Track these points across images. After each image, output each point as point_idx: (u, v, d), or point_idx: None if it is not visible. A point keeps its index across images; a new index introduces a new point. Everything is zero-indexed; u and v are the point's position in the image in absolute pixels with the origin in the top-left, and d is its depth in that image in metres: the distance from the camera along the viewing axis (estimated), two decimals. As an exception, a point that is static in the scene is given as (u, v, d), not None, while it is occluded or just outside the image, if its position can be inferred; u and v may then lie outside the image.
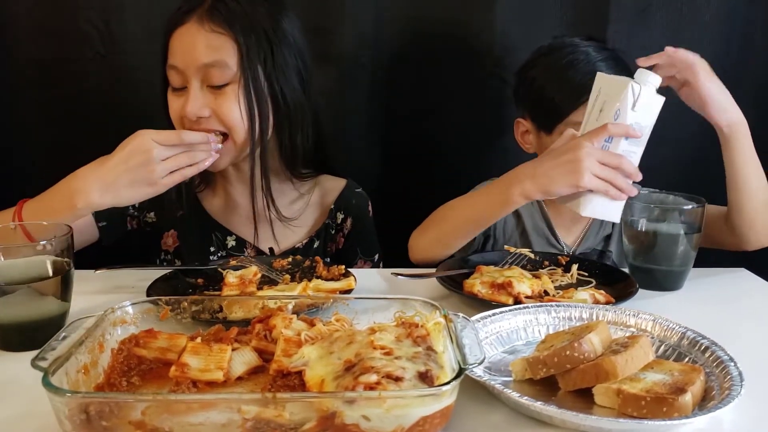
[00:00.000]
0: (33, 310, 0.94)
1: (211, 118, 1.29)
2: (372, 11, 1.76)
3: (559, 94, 1.50)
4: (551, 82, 1.52)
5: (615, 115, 1.18)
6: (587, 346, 0.81)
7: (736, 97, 1.68)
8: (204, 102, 1.28)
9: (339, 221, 1.54)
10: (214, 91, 1.29)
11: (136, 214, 1.47)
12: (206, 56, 1.27)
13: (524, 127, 1.61)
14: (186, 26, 1.29)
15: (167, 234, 1.49)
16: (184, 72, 1.28)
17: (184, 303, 0.93)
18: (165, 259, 1.50)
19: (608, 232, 1.62)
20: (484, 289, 1.14)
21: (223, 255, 1.45)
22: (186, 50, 1.28)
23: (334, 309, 0.94)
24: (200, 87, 1.29)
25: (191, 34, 1.28)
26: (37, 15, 1.65)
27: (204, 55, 1.27)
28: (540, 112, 1.55)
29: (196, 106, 1.27)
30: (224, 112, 1.29)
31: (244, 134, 1.31)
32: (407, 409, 0.66)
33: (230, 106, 1.29)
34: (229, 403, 0.67)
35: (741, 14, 1.80)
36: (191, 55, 1.27)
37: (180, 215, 1.46)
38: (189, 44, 1.28)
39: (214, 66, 1.27)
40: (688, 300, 1.18)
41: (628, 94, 1.17)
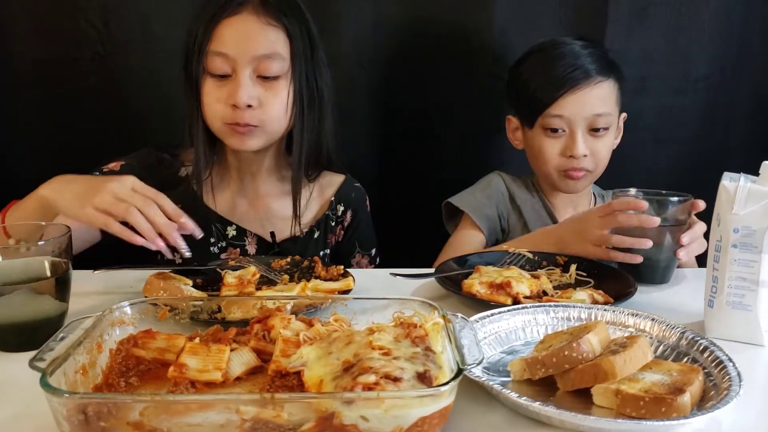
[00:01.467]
0: (31, 311, 0.94)
1: (255, 110, 1.33)
2: (371, 11, 1.76)
3: (540, 87, 1.52)
4: (535, 76, 1.55)
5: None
6: (586, 347, 0.81)
7: (735, 96, 1.69)
8: (254, 91, 1.33)
9: (339, 213, 1.59)
10: (263, 82, 1.34)
11: None
12: (263, 48, 1.32)
13: (514, 124, 1.64)
14: (240, 16, 1.32)
15: None
16: (234, 60, 1.32)
17: (183, 304, 0.93)
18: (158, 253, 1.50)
19: None
20: (482, 289, 1.14)
21: (223, 246, 1.47)
22: (240, 40, 1.32)
23: (333, 309, 0.94)
24: (250, 77, 1.32)
25: (247, 25, 1.32)
26: (36, 15, 1.65)
27: (261, 47, 1.32)
28: (523, 107, 1.59)
29: (246, 94, 1.31)
30: (272, 102, 1.35)
31: (280, 125, 1.39)
32: (406, 410, 0.66)
33: (280, 98, 1.35)
34: (227, 403, 0.67)
35: (739, 14, 1.80)
36: (246, 45, 1.32)
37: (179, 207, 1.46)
38: (244, 34, 1.32)
39: (269, 58, 1.33)
40: (687, 300, 1.18)
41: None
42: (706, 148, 1.89)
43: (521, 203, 1.66)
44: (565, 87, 1.49)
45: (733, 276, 0.99)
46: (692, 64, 1.82)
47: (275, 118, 1.37)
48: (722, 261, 1.00)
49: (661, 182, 1.61)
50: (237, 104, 1.31)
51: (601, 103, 1.51)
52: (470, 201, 1.63)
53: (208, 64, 1.34)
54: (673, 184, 1.88)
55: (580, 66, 1.50)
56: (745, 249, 0.98)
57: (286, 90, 1.36)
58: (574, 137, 1.52)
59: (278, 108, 1.36)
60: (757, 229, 0.96)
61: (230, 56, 1.32)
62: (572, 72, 1.49)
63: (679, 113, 1.86)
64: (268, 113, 1.35)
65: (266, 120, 1.36)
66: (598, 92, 1.51)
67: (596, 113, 1.51)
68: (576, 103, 1.50)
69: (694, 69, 1.82)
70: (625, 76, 1.80)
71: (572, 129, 1.52)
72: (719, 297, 1.01)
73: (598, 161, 1.55)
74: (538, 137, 1.56)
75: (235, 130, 1.36)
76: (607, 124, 1.52)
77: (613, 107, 1.55)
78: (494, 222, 1.63)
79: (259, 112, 1.34)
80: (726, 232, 0.99)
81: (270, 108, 1.35)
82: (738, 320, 0.99)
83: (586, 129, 1.52)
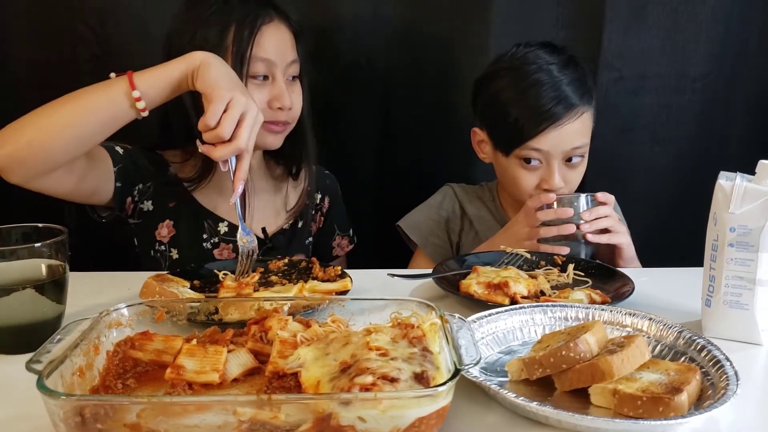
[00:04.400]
0: (28, 313, 0.94)
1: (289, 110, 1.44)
2: (369, 12, 1.76)
3: (521, 117, 1.47)
4: (514, 103, 1.49)
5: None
6: (583, 346, 0.81)
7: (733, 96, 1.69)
8: (290, 93, 1.43)
9: (318, 201, 1.69)
10: (291, 83, 1.45)
11: (137, 198, 1.46)
12: (292, 54, 1.44)
13: (480, 137, 1.61)
14: (274, 24, 1.41)
15: (162, 224, 1.50)
16: (275, 65, 1.41)
17: (180, 305, 0.93)
18: (159, 249, 1.51)
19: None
20: (480, 289, 1.14)
21: (215, 242, 1.50)
22: (279, 46, 1.41)
23: (330, 310, 0.94)
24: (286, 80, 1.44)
25: (281, 32, 1.42)
26: (32, 16, 1.65)
27: (292, 52, 1.44)
28: (500, 132, 1.54)
29: (288, 98, 1.42)
30: (297, 102, 1.47)
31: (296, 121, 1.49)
32: (403, 410, 0.66)
33: (300, 96, 1.48)
34: (224, 404, 0.67)
35: (737, 13, 1.80)
36: (283, 50, 1.42)
37: (173, 206, 1.49)
38: (281, 41, 1.42)
39: (296, 62, 1.45)
40: (684, 299, 1.18)
41: None
42: (703, 147, 1.89)
43: (473, 217, 1.66)
44: (545, 123, 1.45)
45: (730, 275, 0.99)
46: (690, 64, 1.82)
47: (297, 116, 1.48)
48: (719, 260, 1.00)
49: (659, 181, 1.62)
50: (283, 106, 1.41)
51: (580, 136, 1.49)
52: (420, 228, 1.65)
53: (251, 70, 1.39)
54: (671, 183, 1.89)
55: (562, 98, 1.46)
56: (742, 248, 0.98)
57: (301, 90, 1.48)
58: (551, 170, 1.49)
59: (299, 107, 1.48)
60: (754, 228, 0.96)
61: (272, 61, 1.40)
62: (555, 106, 1.45)
63: (677, 112, 1.86)
64: (296, 111, 1.47)
65: (294, 118, 1.47)
66: (578, 125, 1.48)
67: (574, 146, 1.48)
68: (557, 138, 1.46)
69: (692, 68, 1.82)
70: (623, 75, 1.81)
71: (549, 162, 1.49)
72: (716, 296, 1.01)
73: (571, 189, 1.54)
74: (513, 167, 1.52)
75: (269, 129, 1.43)
76: (582, 153, 1.51)
77: (589, 134, 1.52)
78: (444, 248, 1.65)
79: (291, 111, 1.45)
80: (723, 231, 0.99)
81: (296, 107, 1.46)
82: (735, 319, 1.00)
83: (562, 161, 1.50)
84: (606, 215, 1.41)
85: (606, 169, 1.83)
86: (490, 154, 1.60)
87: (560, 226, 1.39)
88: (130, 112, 1.16)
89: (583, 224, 1.39)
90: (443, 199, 1.69)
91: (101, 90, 1.18)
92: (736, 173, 1.01)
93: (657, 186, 1.40)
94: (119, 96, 1.15)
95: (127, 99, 1.15)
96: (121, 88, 1.15)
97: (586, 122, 1.50)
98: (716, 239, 1.00)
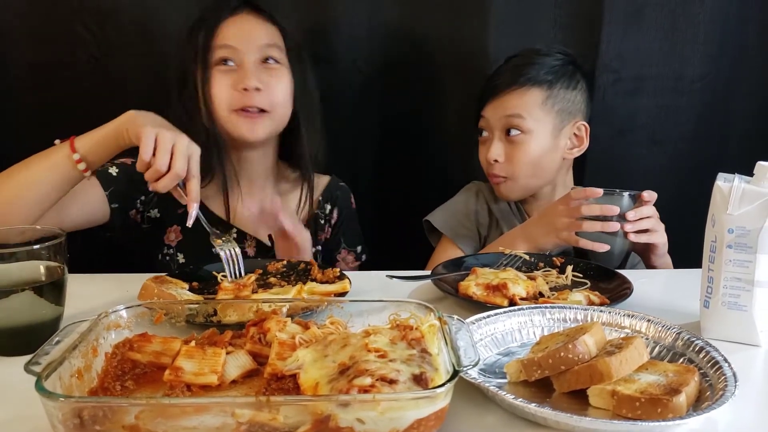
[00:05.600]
0: (26, 315, 0.94)
1: (263, 93, 1.43)
2: (366, 14, 1.76)
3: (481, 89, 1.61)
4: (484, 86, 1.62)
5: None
6: (582, 348, 0.81)
7: (731, 97, 1.68)
8: (261, 76, 1.43)
9: (327, 212, 1.67)
10: (267, 68, 1.45)
11: (141, 208, 1.50)
12: (266, 38, 1.46)
13: None
14: (240, 16, 1.46)
15: (170, 229, 1.53)
16: (241, 51, 1.43)
17: (178, 307, 0.93)
18: (167, 253, 1.53)
19: None
20: (479, 291, 1.14)
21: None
22: (245, 32, 1.45)
23: (329, 312, 0.94)
24: (255, 65, 1.44)
25: (249, 22, 1.47)
26: (31, 18, 1.65)
27: (264, 37, 1.46)
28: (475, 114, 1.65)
29: (255, 78, 1.42)
30: (277, 86, 1.46)
31: (285, 112, 1.49)
32: (401, 412, 0.66)
33: (283, 82, 1.47)
34: (223, 406, 0.67)
35: (735, 14, 1.81)
36: (251, 36, 1.45)
37: (182, 212, 1.48)
38: (248, 29, 1.46)
39: (272, 46, 1.46)
40: (682, 300, 1.18)
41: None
42: (701, 148, 1.89)
43: (497, 213, 1.68)
44: (488, 93, 1.59)
45: (728, 276, 0.99)
46: (688, 65, 1.82)
47: (281, 102, 1.47)
48: (717, 261, 1.00)
49: (657, 182, 1.62)
50: (247, 87, 1.40)
51: (515, 107, 1.55)
52: (448, 221, 1.66)
53: (215, 58, 1.43)
54: (669, 184, 1.89)
55: (503, 73, 1.59)
56: (740, 249, 0.98)
57: (286, 78, 1.48)
58: (492, 140, 1.59)
59: (282, 92, 1.47)
60: (752, 229, 0.96)
61: (237, 48, 1.43)
62: (497, 79, 1.58)
63: (675, 114, 1.86)
64: (275, 96, 1.45)
65: (274, 103, 1.45)
66: (515, 99, 1.55)
67: (507, 114, 1.55)
68: (495, 107, 1.58)
69: (689, 69, 1.82)
70: (621, 77, 1.81)
71: (492, 134, 1.59)
72: (715, 297, 1.01)
73: (514, 169, 1.57)
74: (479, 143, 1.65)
75: (244, 116, 1.44)
76: (520, 128, 1.55)
77: (536, 113, 1.55)
78: (473, 240, 1.66)
79: (266, 95, 1.43)
80: (721, 233, 0.99)
81: (275, 91, 1.45)
82: (733, 320, 1.00)
83: (502, 133, 1.57)
84: (650, 215, 1.40)
85: (604, 170, 1.83)
86: None
87: (603, 222, 1.36)
88: (75, 173, 1.23)
89: (626, 223, 1.37)
90: (470, 194, 1.71)
91: (45, 157, 1.25)
92: (735, 174, 1.01)
93: (655, 187, 1.39)
94: (62, 160, 1.23)
95: (69, 162, 1.23)
96: (63, 152, 1.23)
97: (524, 98, 1.55)
98: (714, 240, 1.01)
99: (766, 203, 0.95)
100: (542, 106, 1.55)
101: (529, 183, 1.61)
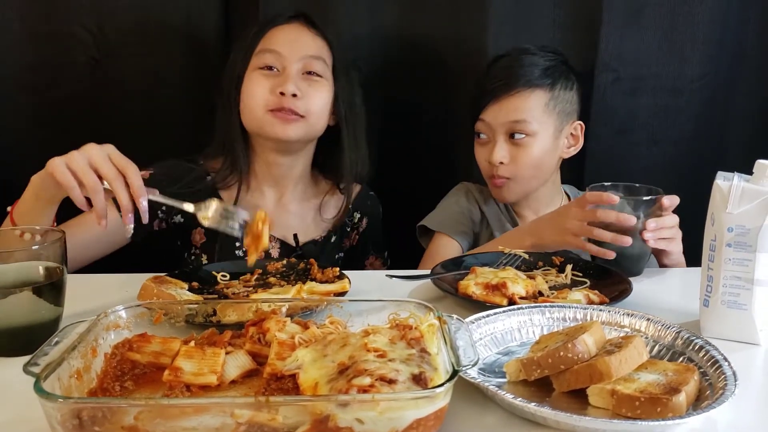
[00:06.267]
0: (25, 315, 0.94)
1: (300, 100, 1.45)
2: (367, 15, 1.76)
3: (477, 94, 1.59)
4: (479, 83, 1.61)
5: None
6: (581, 347, 0.81)
7: (730, 96, 1.68)
8: (300, 84, 1.46)
9: (356, 220, 1.71)
10: (308, 78, 1.49)
11: (164, 216, 1.51)
12: (311, 49, 1.50)
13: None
14: (290, 26, 1.52)
15: (195, 231, 1.55)
16: (285, 57, 1.47)
17: (178, 307, 0.93)
18: (194, 253, 1.56)
19: None
20: (478, 290, 1.14)
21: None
22: (292, 40, 1.49)
23: (328, 311, 0.94)
24: (297, 73, 1.47)
25: (297, 31, 1.52)
26: (30, 19, 1.65)
27: (310, 48, 1.50)
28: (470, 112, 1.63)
29: (294, 85, 1.44)
30: (315, 96, 1.48)
31: (320, 121, 1.51)
32: (401, 412, 0.66)
33: (321, 93, 1.50)
34: (222, 406, 0.67)
35: (734, 14, 1.80)
36: (296, 44, 1.49)
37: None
38: (295, 37, 1.50)
39: (316, 58, 1.50)
40: (682, 299, 1.18)
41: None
42: (701, 147, 1.89)
43: (487, 212, 1.68)
44: (487, 96, 1.56)
45: (728, 275, 0.99)
46: (687, 64, 1.81)
47: (317, 111, 1.49)
48: (717, 260, 1.00)
49: (657, 182, 1.61)
50: (284, 91, 1.43)
51: (519, 112, 1.53)
52: (444, 221, 1.65)
53: (258, 61, 1.48)
54: (669, 184, 1.88)
55: (503, 76, 1.55)
56: (740, 248, 0.98)
57: (327, 90, 1.51)
58: (494, 143, 1.56)
59: (320, 102, 1.49)
60: (752, 227, 0.96)
61: (281, 53, 1.47)
62: (496, 82, 1.55)
63: (674, 113, 1.86)
64: (312, 104, 1.47)
65: (310, 110, 1.47)
66: (517, 102, 1.53)
67: (512, 120, 1.53)
68: (496, 111, 1.55)
69: (689, 69, 1.82)
70: (621, 77, 1.81)
71: (494, 136, 1.56)
72: (714, 296, 1.01)
73: (518, 169, 1.56)
74: (475, 144, 1.62)
75: (278, 117, 1.46)
76: (526, 131, 1.53)
77: (540, 116, 1.54)
78: (468, 235, 1.65)
79: (303, 102, 1.46)
80: (720, 232, 0.99)
81: (313, 100, 1.48)
82: (733, 319, 1.00)
83: (506, 136, 1.55)
84: (672, 225, 1.33)
85: (604, 170, 1.83)
86: None
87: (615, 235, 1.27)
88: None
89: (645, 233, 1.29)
90: (461, 194, 1.71)
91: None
92: (734, 173, 1.01)
93: (654, 186, 1.39)
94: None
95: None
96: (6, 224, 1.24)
97: (529, 102, 1.53)
98: (714, 239, 1.01)
99: (765, 202, 0.95)
100: (545, 108, 1.55)
101: (530, 184, 1.60)
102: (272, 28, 1.51)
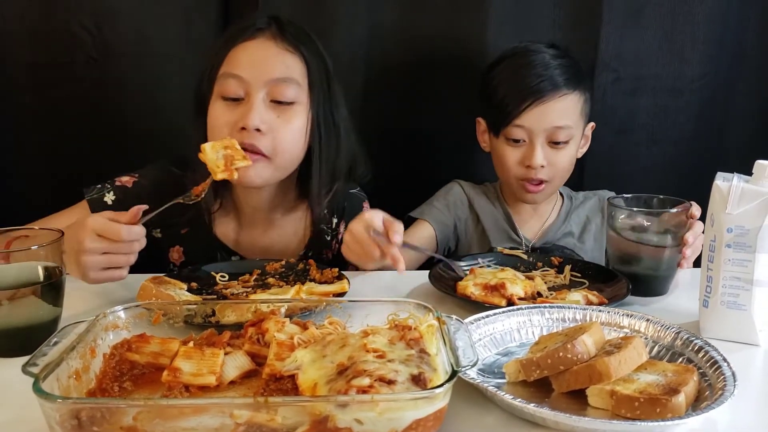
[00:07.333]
0: (24, 316, 0.94)
1: (264, 136, 1.27)
2: (366, 14, 1.76)
3: (507, 96, 1.52)
4: (504, 83, 1.55)
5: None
6: (580, 348, 0.81)
7: (730, 96, 1.68)
8: (266, 116, 1.27)
9: (333, 226, 1.54)
10: (277, 107, 1.29)
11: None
12: (279, 71, 1.29)
13: (483, 127, 1.65)
14: (256, 41, 1.30)
15: (173, 249, 1.47)
16: (248, 83, 1.27)
17: (177, 308, 0.93)
18: (172, 270, 1.46)
19: (569, 230, 1.65)
20: (477, 290, 1.14)
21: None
22: (257, 62, 1.29)
23: (328, 312, 0.94)
24: (264, 101, 1.28)
25: (264, 49, 1.30)
26: (29, 19, 1.65)
27: (276, 71, 1.29)
28: (491, 113, 1.59)
29: (258, 118, 1.25)
30: (284, 130, 1.29)
31: (291, 158, 1.33)
32: (400, 413, 0.66)
33: (292, 125, 1.30)
34: (221, 407, 0.67)
35: (734, 14, 1.80)
36: (261, 68, 1.28)
37: (184, 233, 1.44)
38: (261, 58, 1.29)
39: (285, 82, 1.29)
40: (681, 300, 1.18)
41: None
42: (701, 148, 1.89)
43: (480, 210, 1.67)
44: (529, 99, 1.49)
45: (727, 276, 0.99)
46: (687, 64, 1.81)
47: (286, 148, 1.30)
48: (716, 261, 1.00)
49: (656, 182, 1.62)
50: (246, 126, 1.24)
51: (562, 116, 1.50)
52: (424, 210, 1.65)
53: (220, 87, 1.30)
54: (668, 184, 1.89)
55: (547, 77, 1.50)
56: (739, 248, 0.98)
57: (300, 118, 1.31)
58: (534, 147, 1.51)
59: (289, 137, 1.30)
60: (751, 228, 0.96)
61: (244, 78, 1.27)
62: (539, 83, 1.49)
63: (674, 113, 1.86)
64: (280, 141, 1.29)
65: (277, 149, 1.29)
66: (561, 105, 1.50)
67: (556, 125, 1.49)
68: (538, 115, 1.49)
69: (689, 69, 1.82)
70: (621, 76, 1.81)
71: (532, 140, 1.51)
72: (714, 297, 1.01)
73: (556, 172, 1.54)
74: (501, 145, 1.56)
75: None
76: (567, 137, 1.52)
77: (577, 120, 1.53)
78: (447, 227, 1.64)
79: (269, 138, 1.27)
80: (720, 232, 0.99)
81: (281, 135, 1.29)
82: (733, 320, 1.00)
83: (545, 140, 1.52)
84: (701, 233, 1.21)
85: (603, 170, 1.83)
86: (488, 142, 1.64)
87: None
88: None
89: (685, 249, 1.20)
90: (450, 190, 1.71)
91: None
92: (733, 174, 1.01)
93: (654, 187, 1.39)
94: None
95: None
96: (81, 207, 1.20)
97: (570, 105, 1.52)
98: (713, 240, 1.01)
99: (765, 202, 0.95)
100: (581, 112, 1.54)
101: (559, 185, 1.61)
102: (236, 45, 1.31)
